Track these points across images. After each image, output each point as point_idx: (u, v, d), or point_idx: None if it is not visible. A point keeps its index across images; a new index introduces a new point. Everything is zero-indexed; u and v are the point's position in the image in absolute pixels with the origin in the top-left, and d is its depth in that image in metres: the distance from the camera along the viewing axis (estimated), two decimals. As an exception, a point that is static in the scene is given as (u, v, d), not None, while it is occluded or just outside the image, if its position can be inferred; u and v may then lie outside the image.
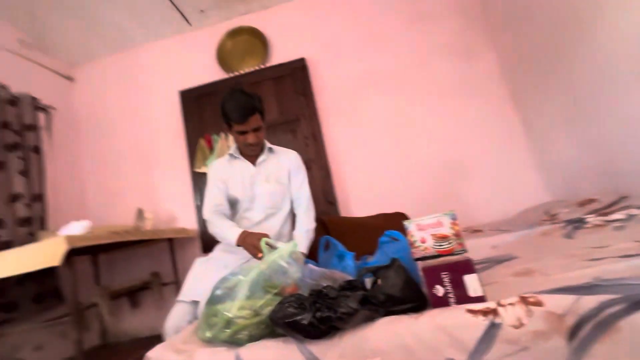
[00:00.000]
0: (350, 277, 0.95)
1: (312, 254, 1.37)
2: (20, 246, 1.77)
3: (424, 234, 0.82)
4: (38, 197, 2.21)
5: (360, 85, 2.55)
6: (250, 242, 1.11)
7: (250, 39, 2.72)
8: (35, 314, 2.01)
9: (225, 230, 1.26)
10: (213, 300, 0.74)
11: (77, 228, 1.82)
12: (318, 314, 0.60)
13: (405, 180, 2.39)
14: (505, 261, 1.07)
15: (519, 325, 0.56)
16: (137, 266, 2.59)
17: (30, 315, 1.98)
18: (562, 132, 1.95)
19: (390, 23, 2.57)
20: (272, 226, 1.40)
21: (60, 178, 2.53)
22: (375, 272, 0.84)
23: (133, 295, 2.45)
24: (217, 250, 1.45)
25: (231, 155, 1.46)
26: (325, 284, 0.90)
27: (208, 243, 2.51)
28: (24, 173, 2.14)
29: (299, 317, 0.60)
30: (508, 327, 0.56)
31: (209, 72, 2.72)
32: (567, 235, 1.19)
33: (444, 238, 0.80)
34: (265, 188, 1.40)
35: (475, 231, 1.95)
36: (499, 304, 0.60)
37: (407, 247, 0.98)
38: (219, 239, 1.36)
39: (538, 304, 0.57)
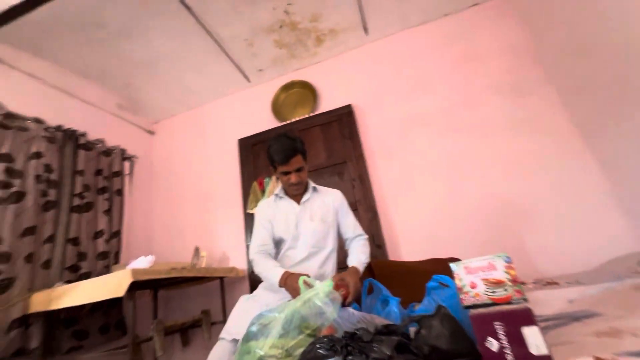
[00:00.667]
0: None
1: (356, 299, 1.30)
2: (98, 277, 1.99)
3: (474, 278, 0.74)
4: (116, 234, 2.51)
5: (407, 127, 2.56)
6: (291, 284, 1.10)
7: (301, 91, 2.97)
8: (100, 344, 2.18)
9: (269, 270, 1.28)
10: (248, 336, 0.74)
11: (143, 263, 2.00)
12: (349, 358, 0.55)
13: (458, 223, 2.22)
14: (584, 318, 0.90)
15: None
16: (190, 303, 2.71)
17: (96, 344, 2.14)
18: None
19: (435, 66, 2.61)
20: (313, 265, 1.38)
21: (135, 217, 2.87)
22: (420, 320, 0.77)
23: (184, 332, 2.53)
24: (261, 289, 1.45)
25: (277, 195, 1.53)
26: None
27: (256, 283, 2.54)
28: (108, 212, 2.49)
29: (328, 360, 0.56)
30: (582, 396, 0.46)
31: (264, 122, 2.99)
32: (669, 290, 0.97)
33: (498, 284, 0.71)
34: (309, 226, 1.42)
35: (550, 283, 1.68)
36: (569, 366, 0.50)
37: (455, 293, 0.89)
38: (262, 279, 1.38)
39: (621, 369, 0.46)
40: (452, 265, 0.78)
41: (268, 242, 1.43)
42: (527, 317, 0.59)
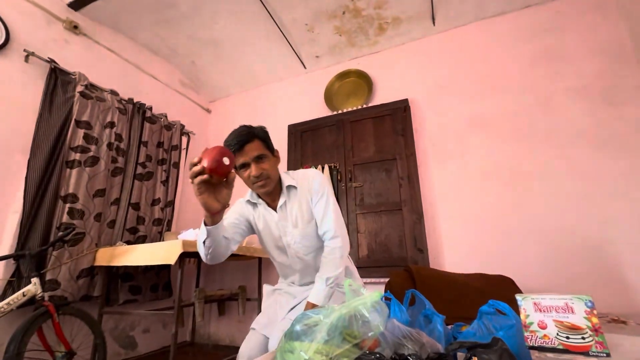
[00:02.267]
0: (439, 345, 0.83)
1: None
2: (151, 242, 2.17)
3: (545, 317, 0.67)
4: (170, 203, 2.71)
5: (467, 129, 2.38)
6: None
7: (357, 81, 2.89)
8: (150, 300, 2.40)
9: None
10: (292, 335, 0.74)
11: (192, 235, 2.13)
12: (401, 386, 0.53)
13: (513, 240, 2.04)
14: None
15: None
16: (229, 277, 2.86)
17: (147, 300, 2.36)
18: None
19: (509, 63, 2.36)
20: (315, 268, 1.21)
21: (188, 190, 3.06)
22: (471, 348, 0.71)
23: (222, 303, 2.69)
24: (282, 282, 1.35)
25: (248, 201, 1.22)
26: (409, 346, 0.81)
27: (291, 268, 2.60)
28: (165, 183, 2.68)
29: (378, 383, 0.54)
30: None
31: (316, 110, 2.97)
32: None
33: (574, 329, 0.63)
34: (295, 235, 1.16)
35: (615, 321, 1.49)
36: None
37: (517, 326, 0.81)
38: (198, 241, 1.02)
39: None
40: (518, 298, 0.71)
41: (230, 231, 1.14)
42: (616, 381, 0.51)
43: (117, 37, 2.59)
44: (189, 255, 2.46)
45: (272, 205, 1.19)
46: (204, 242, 0.97)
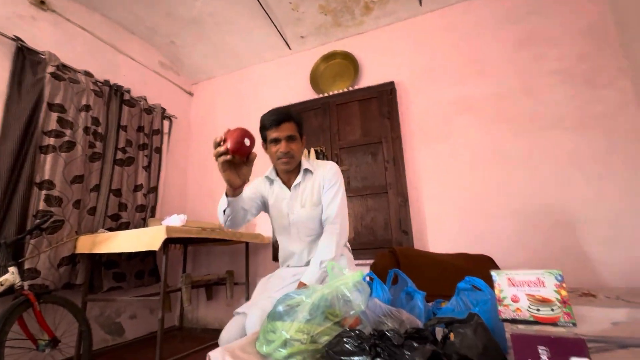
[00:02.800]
0: (418, 322, 0.86)
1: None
2: (135, 229, 2.13)
3: (517, 291, 0.69)
4: (153, 189, 2.65)
5: (453, 111, 2.39)
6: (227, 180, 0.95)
7: (343, 62, 2.84)
8: (135, 287, 2.38)
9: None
10: (274, 315, 0.75)
11: (176, 220, 2.10)
12: (377, 360, 0.54)
13: (494, 220, 2.11)
14: (633, 346, 0.82)
15: None
16: (217, 262, 2.86)
17: (131, 287, 2.35)
18: None
19: (495, 46, 2.36)
20: (312, 253, 1.25)
21: (171, 175, 3.00)
22: (450, 324, 0.73)
23: (209, 287, 2.70)
24: (278, 270, 1.37)
25: (267, 177, 1.32)
26: (390, 323, 0.83)
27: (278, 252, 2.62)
28: (147, 168, 2.61)
29: (355, 358, 0.55)
30: None
31: (301, 92, 2.92)
32: None
33: (544, 302, 0.65)
34: (301, 214, 1.23)
35: (586, 295, 1.58)
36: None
37: (492, 301, 0.84)
38: (219, 210, 1.12)
39: None
40: (493, 274, 0.73)
41: (247, 202, 1.18)
42: (580, 349, 0.53)
43: (89, 14, 2.44)
44: (173, 241, 2.46)
45: (287, 184, 1.29)
46: (224, 211, 1.07)
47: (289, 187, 1.28)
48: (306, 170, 1.28)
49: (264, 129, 1.25)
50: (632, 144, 1.92)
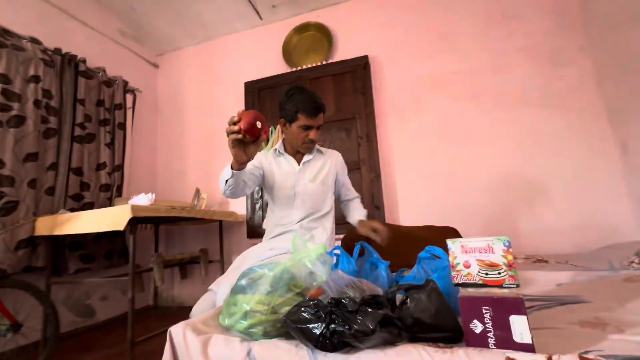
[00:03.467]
0: (379, 290, 0.89)
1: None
2: (100, 209, 2.04)
3: (469, 257, 0.73)
4: (118, 168, 2.52)
5: (424, 87, 2.40)
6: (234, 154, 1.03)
7: (316, 35, 2.74)
8: (105, 268, 2.32)
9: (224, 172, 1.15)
10: (237, 289, 0.75)
11: (143, 199, 2.03)
12: (331, 326, 0.56)
13: (460, 193, 2.20)
14: (571, 303, 0.90)
15: (574, 391, 0.45)
16: (189, 241, 2.82)
17: (100, 268, 2.28)
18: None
19: (465, 23, 2.36)
20: (311, 226, 1.36)
21: (138, 153, 2.86)
22: (407, 290, 0.77)
23: (183, 266, 2.67)
24: (254, 247, 1.41)
25: (276, 150, 1.42)
26: (351, 293, 0.86)
27: (253, 229, 2.62)
28: (110, 145, 2.47)
29: (311, 325, 0.57)
30: (558, 390, 0.46)
31: (274, 66, 2.81)
32: (662, 287, 0.96)
33: (493, 266, 0.70)
34: (309, 187, 1.35)
35: (539, 261, 1.70)
36: (550, 360, 0.49)
37: (449, 268, 0.88)
38: (221, 180, 1.16)
39: (604, 371, 0.45)
40: (449, 242, 0.76)
41: (250, 174, 1.27)
42: (518, 307, 0.58)
43: (32, -28, 2.18)
44: (142, 221, 2.38)
45: (297, 158, 1.41)
46: (226, 181, 1.14)
47: (298, 161, 1.40)
48: (318, 150, 1.44)
49: (297, 111, 1.28)
50: (588, 121, 2.02)
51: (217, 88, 3.02)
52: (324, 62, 2.64)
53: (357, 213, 1.45)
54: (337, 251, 1.18)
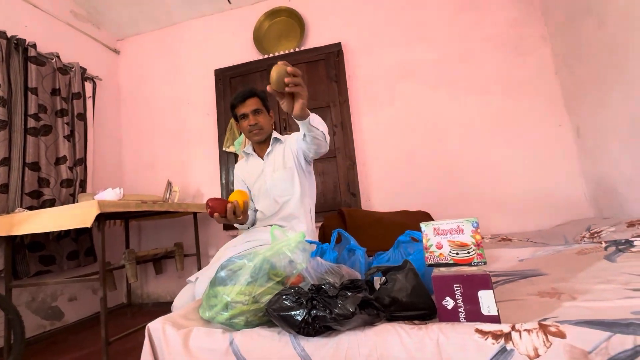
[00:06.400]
0: (357, 274, 0.92)
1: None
2: (63, 206, 1.91)
3: (441, 239, 0.76)
4: (80, 161, 2.37)
5: (396, 75, 2.43)
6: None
7: (288, 21, 2.68)
8: (70, 269, 2.20)
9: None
10: (216, 281, 0.75)
11: (111, 194, 1.93)
12: (313, 312, 0.57)
13: (433, 178, 2.28)
14: (531, 276, 0.98)
15: (535, 355, 0.50)
16: (163, 235, 2.74)
17: (64, 270, 2.16)
18: (615, 145, 1.74)
19: (436, 11, 2.40)
20: (288, 213, 1.37)
21: (101, 145, 2.70)
22: (385, 272, 0.80)
23: (157, 262, 2.59)
24: (234, 240, 1.44)
25: (246, 153, 1.49)
26: (330, 279, 0.88)
27: (230, 221, 2.58)
28: (69, 138, 2.30)
29: (293, 312, 0.58)
30: (521, 355, 0.50)
31: (245, 53, 2.73)
32: (608, 257, 1.07)
33: (462, 246, 0.74)
34: (274, 178, 1.38)
35: (504, 240, 1.83)
36: (514, 329, 0.54)
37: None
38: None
39: (560, 335, 0.50)
40: (422, 225, 0.79)
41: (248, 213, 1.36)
42: (485, 282, 0.62)
43: (-36, -56, 1.94)
44: (111, 217, 2.27)
45: (260, 155, 1.45)
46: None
47: (261, 157, 1.43)
48: (276, 139, 1.43)
49: (233, 107, 1.38)
50: (546, 107, 2.15)
51: (185, 75, 2.89)
52: (297, 49, 2.59)
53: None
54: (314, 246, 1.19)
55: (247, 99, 1.35)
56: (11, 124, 1.98)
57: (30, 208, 1.97)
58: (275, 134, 1.44)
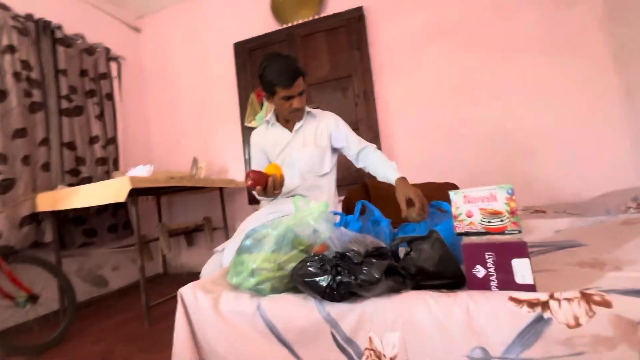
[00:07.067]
0: (382, 244, 0.91)
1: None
2: (99, 182, 2.02)
3: (472, 207, 0.73)
4: (111, 140, 2.48)
5: (422, 38, 2.27)
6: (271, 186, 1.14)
7: (306, -14, 2.54)
8: (111, 241, 2.36)
9: None
10: (242, 249, 0.76)
11: (142, 171, 2.01)
12: (338, 278, 0.57)
13: (462, 148, 2.17)
14: (569, 247, 0.92)
15: (575, 325, 0.47)
16: (192, 210, 2.85)
17: (106, 242, 2.32)
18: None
19: (467, -38, 2.17)
20: (310, 184, 1.36)
21: (129, 124, 2.79)
22: (410, 242, 0.78)
23: (188, 235, 2.73)
24: (256, 212, 1.44)
25: (267, 122, 1.41)
26: (355, 247, 0.87)
27: (254, 195, 2.63)
28: (100, 118, 2.40)
29: (317, 278, 0.58)
30: (560, 324, 0.47)
31: (263, 23, 2.64)
32: (658, 227, 0.98)
33: (495, 214, 0.70)
34: (303, 152, 1.34)
35: (537, 211, 1.73)
36: (552, 297, 0.51)
37: (452, 219, 0.89)
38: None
39: (605, 304, 0.47)
40: (451, 193, 0.76)
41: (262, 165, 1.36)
42: (521, 250, 0.58)
43: None
44: (143, 193, 2.38)
45: (287, 126, 1.38)
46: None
47: (289, 129, 1.37)
48: (309, 113, 1.38)
49: (273, 84, 1.23)
50: (591, 67, 1.94)
51: (206, 51, 2.86)
52: (316, 17, 2.48)
53: (383, 168, 1.27)
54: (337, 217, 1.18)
55: (295, 80, 1.21)
56: (47, 106, 2.07)
57: (70, 185, 2.10)
58: (307, 108, 1.38)
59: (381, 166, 1.30)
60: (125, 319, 1.90)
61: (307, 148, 1.33)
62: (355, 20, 2.37)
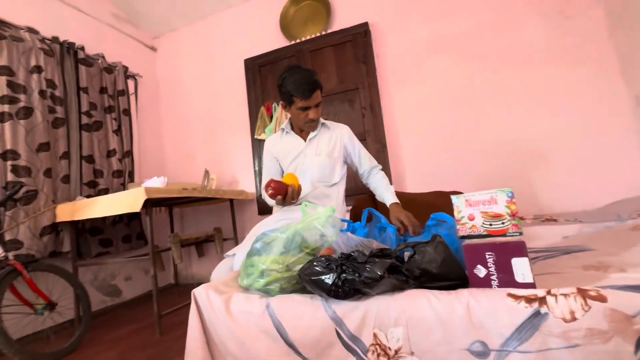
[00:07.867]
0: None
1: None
2: (115, 193, 2.10)
3: (473, 210, 0.75)
4: (127, 154, 2.58)
5: (427, 51, 2.33)
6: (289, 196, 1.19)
7: (313, 4, 2.65)
8: (124, 251, 2.43)
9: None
10: (252, 252, 0.80)
11: (156, 182, 2.09)
12: (343, 276, 0.60)
13: (469, 158, 2.18)
14: (575, 252, 0.93)
15: (571, 319, 0.48)
16: (203, 221, 2.91)
17: (120, 251, 2.39)
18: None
19: (469, -23, 2.24)
20: (320, 192, 1.40)
21: (145, 138, 2.90)
22: (414, 246, 0.80)
23: (199, 245, 2.78)
24: (266, 219, 1.50)
25: (283, 130, 1.47)
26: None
27: (264, 206, 2.67)
28: (117, 132, 2.51)
29: (323, 276, 0.61)
30: (556, 318, 0.49)
31: (272, 40, 2.75)
32: (668, 232, 0.98)
33: (496, 217, 0.72)
34: (316, 161, 1.39)
35: (548, 220, 1.72)
36: (549, 293, 0.52)
37: (454, 227, 0.91)
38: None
39: (600, 299, 0.48)
40: (453, 198, 0.78)
41: (277, 176, 1.44)
42: (519, 249, 0.60)
43: (20, -41, 2.14)
44: (156, 204, 2.46)
45: (302, 136, 1.44)
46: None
47: (304, 137, 1.43)
48: (323, 124, 1.44)
49: (292, 95, 1.29)
50: (599, 76, 1.95)
51: (217, 68, 2.99)
52: (323, 33, 2.57)
53: (383, 190, 1.40)
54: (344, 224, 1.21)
55: (313, 92, 1.27)
56: (68, 121, 2.19)
57: (88, 196, 2.19)
58: (321, 119, 1.43)
59: (382, 188, 1.41)
60: (137, 328, 1.93)
61: (320, 157, 1.39)
62: (361, 35, 2.45)
